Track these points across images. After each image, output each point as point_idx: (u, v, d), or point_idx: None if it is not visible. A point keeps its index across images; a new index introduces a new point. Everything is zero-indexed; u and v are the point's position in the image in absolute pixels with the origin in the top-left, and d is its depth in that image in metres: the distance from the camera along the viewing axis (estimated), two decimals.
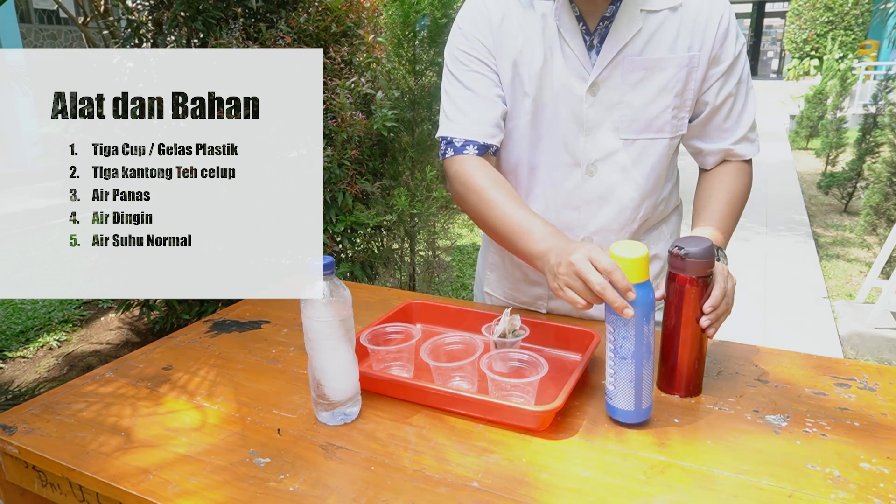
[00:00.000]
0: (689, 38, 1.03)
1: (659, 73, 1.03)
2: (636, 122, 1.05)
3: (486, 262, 1.30)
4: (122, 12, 2.71)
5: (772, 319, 3.61)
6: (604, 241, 1.12)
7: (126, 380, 1.02)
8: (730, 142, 1.11)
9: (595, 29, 1.04)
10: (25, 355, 3.20)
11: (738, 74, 1.07)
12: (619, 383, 0.84)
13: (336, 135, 2.54)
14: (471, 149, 1.07)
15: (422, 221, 3.02)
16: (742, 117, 1.10)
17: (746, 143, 1.12)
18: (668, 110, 1.05)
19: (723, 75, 1.06)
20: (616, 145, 1.07)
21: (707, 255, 0.86)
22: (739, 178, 1.13)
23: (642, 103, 1.04)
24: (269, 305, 1.31)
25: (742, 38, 1.07)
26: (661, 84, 1.04)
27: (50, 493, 0.87)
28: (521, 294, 1.25)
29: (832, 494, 0.71)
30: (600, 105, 1.05)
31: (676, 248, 0.87)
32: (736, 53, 1.06)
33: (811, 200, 6.41)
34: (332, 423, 0.89)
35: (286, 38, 2.53)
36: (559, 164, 1.10)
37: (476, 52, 1.08)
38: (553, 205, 1.12)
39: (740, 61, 1.07)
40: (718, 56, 1.05)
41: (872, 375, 0.97)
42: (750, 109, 1.11)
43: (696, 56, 1.03)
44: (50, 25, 7.96)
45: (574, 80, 1.04)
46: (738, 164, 1.14)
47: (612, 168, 1.08)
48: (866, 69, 12.08)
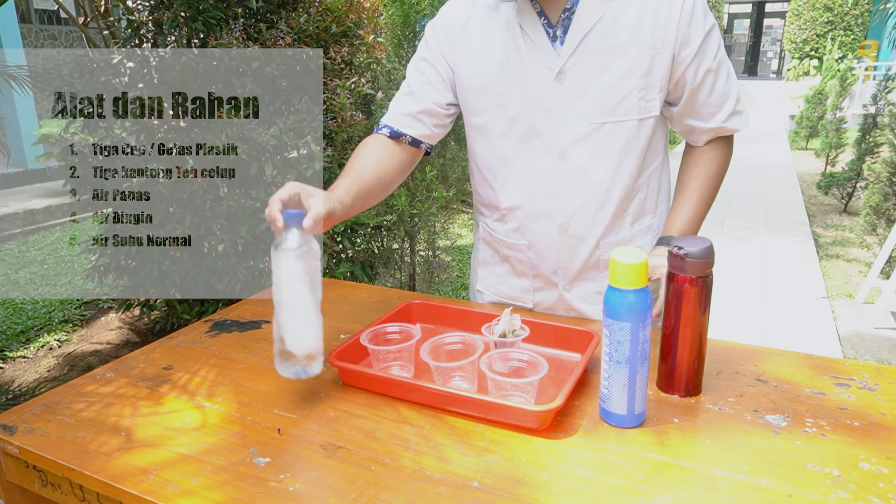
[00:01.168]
0: (651, 22, 1.06)
1: (623, 57, 1.06)
2: (604, 105, 1.08)
3: (477, 259, 1.35)
4: (122, 12, 2.71)
5: (772, 319, 3.61)
6: (581, 224, 1.14)
7: (126, 380, 1.02)
8: (720, 119, 1.14)
9: (557, 21, 1.09)
10: (26, 355, 3.20)
11: (714, 51, 1.10)
12: (613, 387, 0.84)
13: (336, 135, 2.54)
14: (384, 131, 1.22)
15: (422, 221, 3.02)
16: (728, 91, 1.13)
17: (736, 117, 1.15)
18: (634, 92, 1.08)
19: (697, 54, 1.08)
20: (586, 129, 1.10)
21: (706, 254, 0.86)
22: (720, 157, 1.19)
23: (608, 87, 1.07)
24: (270, 305, 1.31)
25: (710, 16, 1.10)
26: (625, 67, 1.07)
27: (50, 493, 0.87)
28: (507, 287, 1.28)
29: (832, 494, 0.71)
30: (568, 92, 1.08)
31: (676, 247, 0.87)
32: (706, 31, 1.08)
33: (811, 200, 6.41)
34: (287, 374, 0.90)
35: (286, 38, 2.53)
36: (531, 152, 1.14)
37: (429, 58, 1.20)
38: (529, 192, 1.16)
39: (712, 38, 1.09)
40: (687, 37, 1.07)
41: (872, 375, 0.97)
42: (733, 82, 1.14)
43: (659, 38, 1.06)
44: (50, 25, 7.96)
45: (540, 70, 1.09)
46: (721, 142, 1.19)
47: (584, 151, 1.11)
48: (866, 69, 12.09)
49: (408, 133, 1.21)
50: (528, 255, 1.21)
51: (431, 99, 1.20)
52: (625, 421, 0.85)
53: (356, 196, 1.06)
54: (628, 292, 0.81)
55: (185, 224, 2.43)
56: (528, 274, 1.23)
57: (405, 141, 1.21)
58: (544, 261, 1.19)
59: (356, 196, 1.06)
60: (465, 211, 5.64)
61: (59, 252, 4.88)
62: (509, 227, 1.21)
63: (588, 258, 1.16)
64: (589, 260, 1.17)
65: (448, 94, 1.21)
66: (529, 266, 1.22)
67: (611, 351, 0.83)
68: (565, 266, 1.18)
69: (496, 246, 1.26)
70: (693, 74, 1.10)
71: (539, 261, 1.20)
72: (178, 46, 2.48)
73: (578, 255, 1.16)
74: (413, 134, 1.21)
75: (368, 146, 1.19)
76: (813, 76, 15.80)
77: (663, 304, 0.92)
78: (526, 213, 1.17)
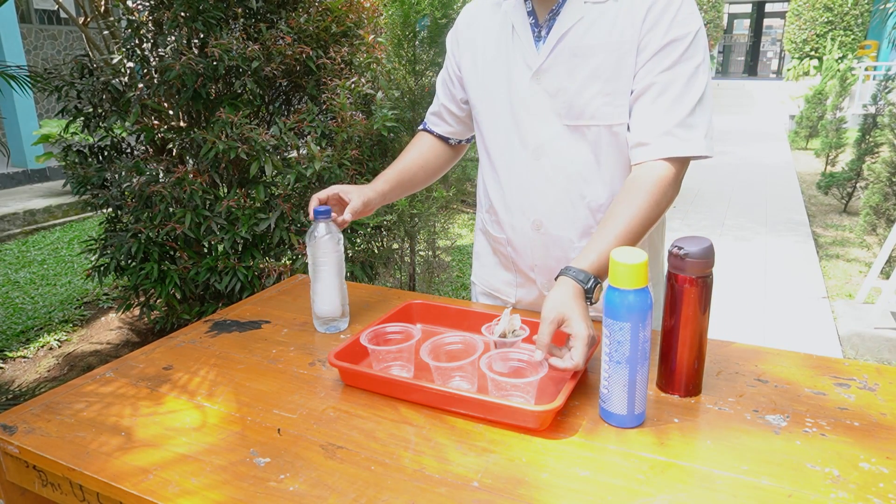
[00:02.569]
0: (621, 25, 1.03)
1: (589, 59, 1.05)
2: (573, 108, 1.08)
3: (475, 251, 1.39)
4: (122, 12, 2.71)
5: (772, 319, 3.61)
6: (554, 224, 1.14)
7: (126, 380, 1.02)
8: (651, 134, 1.02)
9: (543, 21, 1.10)
10: (26, 355, 3.20)
11: (669, 62, 1.01)
12: (613, 387, 0.84)
13: (336, 135, 2.54)
14: (420, 127, 1.40)
15: (422, 221, 3.02)
16: (672, 110, 1.01)
17: (669, 139, 1.01)
18: (598, 97, 1.05)
19: (649, 61, 1.02)
20: (559, 130, 1.10)
21: (706, 254, 0.86)
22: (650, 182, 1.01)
23: (576, 89, 1.07)
24: (269, 305, 1.31)
25: (688, 25, 1.01)
26: (590, 70, 1.05)
27: (50, 493, 0.87)
28: (495, 280, 1.31)
29: (832, 494, 0.71)
30: (543, 92, 1.10)
31: (676, 247, 0.87)
32: (669, 39, 1.00)
33: (811, 200, 6.41)
34: (321, 330, 1.17)
35: (286, 38, 2.53)
36: (511, 148, 1.16)
37: (448, 57, 1.29)
38: (507, 188, 1.18)
39: (674, 48, 1.00)
40: (647, 41, 1.01)
41: (872, 375, 0.97)
42: (685, 104, 1.01)
43: (626, 42, 1.03)
44: (50, 25, 7.96)
45: (521, 68, 1.11)
46: (655, 171, 1.02)
47: (557, 152, 1.11)
48: (866, 69, 12.09)
49: (434, 130, 1.36)
50: (507, 249, 1.23)
51: (448, 98, 1.31)
52: (625, 421, 0.85)
53: (396, 184, 1.27)
54: (628, 292, 0.81)
55: (185, 224, 2.44)
56: (510, 268, 1.26)
57: (435, 134, 1.36)
58: (521, 257, 1.21)
59: (396, 184, 1.27)
60: (465, 211, 5.65)
61: (59, 252, 4.88)
62: (492, 219, 1.25)
63: (564, 258, 1.15)
64: (565, 260, 1.15)
65: (460, 91, 1.28)
66: (511, 261, 1.24)
67: (611, 351, 0.83)
68: (541, 264, 1.19)
69: (487, 237, 1.30)
70: (640, 81, 1.02)
71: (517, 256, 1.22)
72: (178, 46, 2.47)
73: (553, 253, 1.16)
74: (438, 131, 1.36)
75: (416, 141, 1.37)
76: (813, 76, 15.79)
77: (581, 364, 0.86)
78: (504, 207, 1.20)
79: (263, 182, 2.59)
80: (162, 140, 2.76)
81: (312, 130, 2.53)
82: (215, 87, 2.62)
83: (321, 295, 1.15)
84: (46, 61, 7.80)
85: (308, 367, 1.04)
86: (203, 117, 2.67)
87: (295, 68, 2.64)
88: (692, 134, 1.02)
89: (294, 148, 2.51)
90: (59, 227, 5.64)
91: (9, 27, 6.52)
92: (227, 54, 2.40)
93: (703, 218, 5.64)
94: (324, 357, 1.07)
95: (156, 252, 2.57)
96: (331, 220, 1.13)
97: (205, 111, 2.63)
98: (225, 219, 2.46)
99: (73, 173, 2.70)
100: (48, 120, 6.38)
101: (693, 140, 1.02)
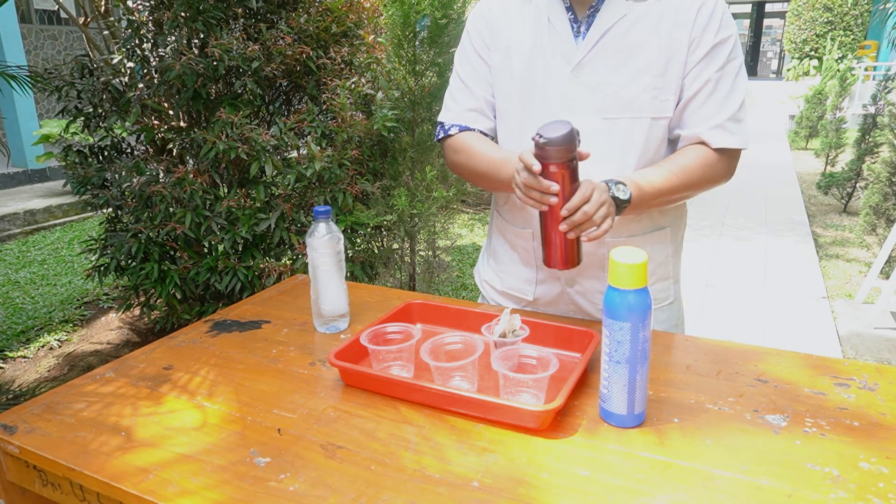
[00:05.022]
0: (671, 23, 1.07)
1: (639, 55, 1.08)
2: (616, 101, 1.10)
3: (489, 248, 1.37)
4: (122, 12, 2.71)
5: (771, 319, 3.61)
6: None
7: (126, 380, 1.02)
8: (704, 127, 1.10)
9: (583, 17, 1.12)
10: (26, 355, 3.20)
11: (721, 62, 1.08)
12: (613, 387, 0.84)
13: (336, 135, 2.54)
14: (454, 130, 1.26)
15: (422, 221, 3.02)
16: (723, 106, 1.10)
17: (720, 131, 1.10)
18: (647, 90, 1.09)
19: (701, 60, 1.08)
20: (598, 124, 1.11)
21: (565, 141, 0.91)
22: (697, 158, 1.11)
23: (622, 84, 1.09)
24: (270, 305, 1.31)
25: (731, 27, 1.09)
26: (640, 65, 1.08)
27: (50, 493, 0.87)
28: (512, 278, 1.29)
29: (832, 494, 0.71)
30: (583, 86, 1.11)
31: (537, 135, 0.93)
32: (719, 40, 1.08)
33: (811, 200, 6.41)
34: (322, 330, 1.17)
35: (286, 38, 2.53)
36: None
37: (474, 47, 1.23)
38: None
39: (723, 49, 1.08)
40: (698, 41, 1.08)
41: (872, 375, 0.97)
42: (734, 100, 1.10)
43: (676, 39, 1.07)
44: (50, 26, 7.95)
45: (560, 62, 1.12)
46: (705, 150, 1.11)
47: (594, 146, 1.11)
48: (865, 69, 12.09)
49: (476, 128, 1.25)
50: (533, 243, 1.22)
51: (486, 90, 1.23)
52: (625, 421, 0.85)
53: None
54: (628, 292, 0.81)
55: (185, 224, 2.44)
56: (531, 264, 1.25)
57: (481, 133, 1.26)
58: None
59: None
60: (465, 211, 5.65)
61: (59, 252, 4.88)
62: (518, 213, 1.23)
63: (593, 255, 1.16)
64: (594, 257, 1.17)
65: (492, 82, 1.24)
66: (535, 256, 1.23)
67: (611, 351, 0.83)
68: None
69: (506, 234, 1.29)
70: (693, 80, 1.09)
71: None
72: (179, 46, 2.47)
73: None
74: (481, 128, 1.25)
75: (471, 140, 1.22)
76: (813, 76, 15.80)
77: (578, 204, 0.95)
78: None
79: (264, 182, 2.59)
80: (162, 140, 2.76)
81: (312, 130, 2.53)
82: (215, 87, 2.62)
83: (322, 295, 1.15)
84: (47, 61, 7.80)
85: (308, 367, 1.04)
86: (203, 117, 2.67)
87: (295, 68, 2.64)
88: (741, 128, 1.12)
89: (294, 148, 2.51)
90: (59, 227, 5.64)
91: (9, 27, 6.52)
92: (228, 54, 2.40)
93: (703, 218, 5.63)
94: (324, 357, 1.07)
95: (156, 252, 2.57)
96: (331, 220, 1.14)
97: (205, 111, 2.63)
98: (225, 219, 2.46)
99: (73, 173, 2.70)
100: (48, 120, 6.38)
101: (741, 133, 1.12)
